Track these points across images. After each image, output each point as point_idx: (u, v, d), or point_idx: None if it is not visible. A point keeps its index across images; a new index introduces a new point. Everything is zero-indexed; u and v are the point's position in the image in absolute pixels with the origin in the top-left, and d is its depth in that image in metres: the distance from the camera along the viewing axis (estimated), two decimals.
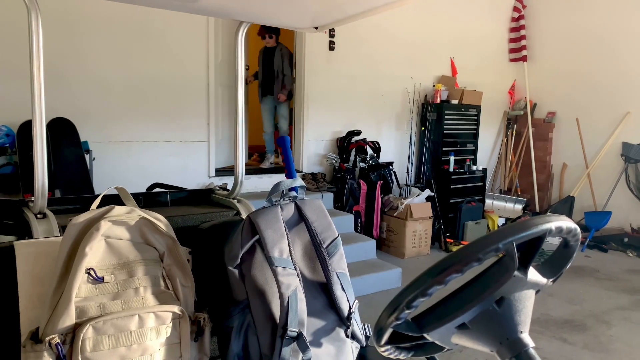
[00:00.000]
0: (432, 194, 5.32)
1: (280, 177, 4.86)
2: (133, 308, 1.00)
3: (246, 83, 5.27)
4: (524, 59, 6.83)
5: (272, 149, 5.49)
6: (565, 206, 6.24)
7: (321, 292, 1.24)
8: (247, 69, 5.35)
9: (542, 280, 0.74)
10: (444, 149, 5.76)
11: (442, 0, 5.99)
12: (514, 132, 6.87)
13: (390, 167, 5.44)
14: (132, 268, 1.05)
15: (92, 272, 0.99)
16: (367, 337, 1.28)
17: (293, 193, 1.30)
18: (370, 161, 5.27)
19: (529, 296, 0.73)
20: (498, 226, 5.89)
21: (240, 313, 1.18)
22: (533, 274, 0.72)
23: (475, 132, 6.11)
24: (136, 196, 1.53)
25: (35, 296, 1.02)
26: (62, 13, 3.75)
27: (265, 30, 5.04)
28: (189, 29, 4.37)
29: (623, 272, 4.80)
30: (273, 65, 5.10)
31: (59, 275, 0.99)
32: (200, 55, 4.47)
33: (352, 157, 5.27)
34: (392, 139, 5.85)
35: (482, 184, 5.99)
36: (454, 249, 5.24)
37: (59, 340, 0.92)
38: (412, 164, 5.83)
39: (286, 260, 1.17)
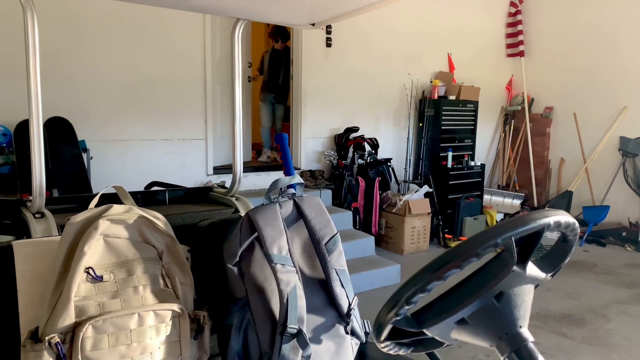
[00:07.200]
0: (431, 190, 5.32)
1: (278, 175, 4.86)
2: (132, 306, 1.01)
3: (249, 80, 5.41)
4: (521, 54, 6.83)
5: (269, 144, 5.78)
6: (564, 201, 6.25)
7: (320, 288, 1.24)
8: (249, 67, 5.46)
9: (541, 275, 0.74)
10: (441, 144, 5.76)
11: None
12: (512, 128, 6.87)
13: (389, 164, 5.44)
14: (131, 267, 1.05)
15: (91, 271, 0.99)
16: (366, 334, 1.29)
17: (291, 190, 1.30)
18: (369, 158, 5.27)
19: (527, 291, 0.73)
20: (496, 221, 5.90)
21: (239, 310, 1.19)
22: (532, 269, 0.72)
23: (473, 127, 6.11)
24: (134, 195, 1.53)
25: (35, 296, 1.02)
26: (58, 11, 3.74)
27: (277, 34, 5.43)
28: (187, 26, 4.36)
29: (621, 266, 4.81)
30: (280, 67, 5.49)
31: (57, 274, 0.99)
32: (198, 53, 4.46)
33: (350, 154, 5.27)
34: (390, 135, 5.85)
35: (480, 179, 6.00)
36: (453, 244, 5.25)
37: (58, 340, 0.92)
38: (410, 160, 5.83)
39: (285, 258, 1.17)
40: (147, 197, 1.74)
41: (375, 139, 5.48)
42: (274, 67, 5.56)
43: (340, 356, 1.19)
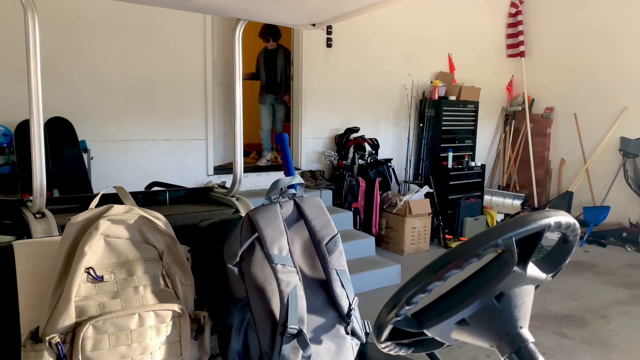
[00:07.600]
0: (431, 190, 5.32)
1: (279, 175, 4.86)
2: (133, 307, 1.01)
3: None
4: (521, 54, 6.83)
5: (269, 147, 5.70)
6: (564, 201, 6.25)
7: (321, 289, 1.24)
8: None
9: (542, 275, 0.74)
10: (442, 145, 5.76)
11: None
12: (512, 128, 6.87)
13: (389, 164, 5.44)
14: (131, 267, 1.05)
15: (91, 271, 0.99)
16: (367, 334, 1.29)
17: (292, 190, 1.30)
18: (369, 158, 5.27)
19: (528, 291, 0.73)
20: (497, 222, 5.90)
21: (240, 311, 1.19)
22: (532, 270, 0.72)
23: (473, 128, 6.11)
24: (135, 195, 1.53)
25: (35, 296, 1.02)
26: (59, 12, 3.74)
27: (267, 33, 5.31)
28: (187, 27, 4.36)
29: (621, 266, 4.81)
30: (276, 67, 5.38)
31: (58, 274, 0.99)
32: (198, 53, 4.46)
33: (350, 154, 5.27)
34: (390, 135, 5.85)
35: (480, 180, 6.00)
36: (453, 245, 5.24)
37: (59, 340, 0.92)
38: (410, 160, 5.83)
39: (286, 258, 1.17)
40: (147, 197, 1.74)
41: (376, 139, 5.48)
42: (270, 67, 5.50)
43: (341, 356, 1.19)
